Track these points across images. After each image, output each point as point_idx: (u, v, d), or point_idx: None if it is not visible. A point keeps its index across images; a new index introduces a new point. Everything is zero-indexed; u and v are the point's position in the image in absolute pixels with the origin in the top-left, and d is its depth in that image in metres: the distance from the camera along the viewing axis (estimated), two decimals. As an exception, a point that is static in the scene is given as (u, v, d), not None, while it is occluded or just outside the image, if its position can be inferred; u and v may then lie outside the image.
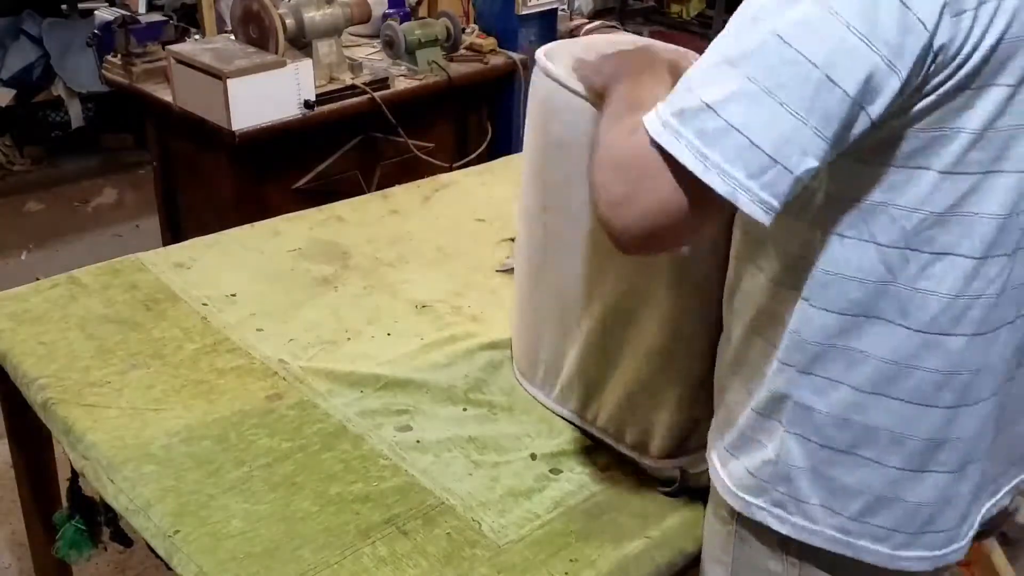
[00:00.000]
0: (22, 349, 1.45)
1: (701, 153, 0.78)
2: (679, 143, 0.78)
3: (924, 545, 0.97)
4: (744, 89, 0.77)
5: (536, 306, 1.37)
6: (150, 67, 2.51)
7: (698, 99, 0.78)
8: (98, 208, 3.81)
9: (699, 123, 0.78)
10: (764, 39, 0.77)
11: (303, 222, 1.88)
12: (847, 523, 0.96)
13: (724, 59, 0.79)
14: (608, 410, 1.30)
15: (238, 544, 1.12)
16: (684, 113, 0.79)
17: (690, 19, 6.69)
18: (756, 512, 1.00)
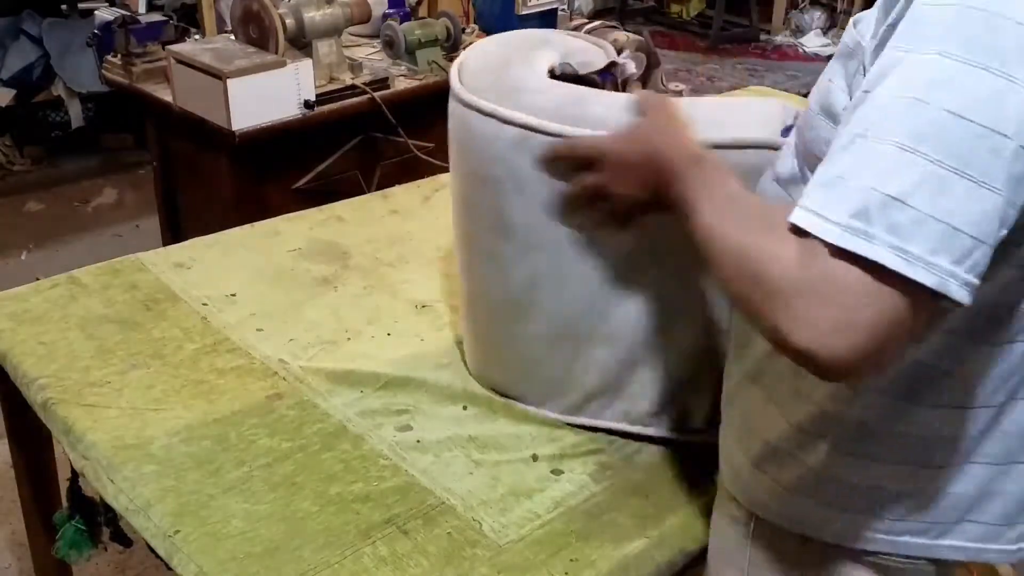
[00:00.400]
0: (22, 349, 1.45)
1: (901, 249, 0.72)
2: (873, 244, 0.72)
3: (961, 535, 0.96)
4: (931, 173, 0.72)
5: (529, 335, 1.32)
6: (150, 67, 2.51)
7: (879, 194, 0.73)
8: (98, 208, 3.81)
9: (888, 218, 0.72)
10: (938, 118, 0.72)
11: (303, 222, 1.88)
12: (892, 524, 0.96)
13: (894, 145, 0.73)
14: (640, 408, 1.31)
15: (238, 544, 1.12)
16: (868, 212, 0.73)
17: (690, 19, 6.69)
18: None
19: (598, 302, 1.25)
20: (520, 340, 1.34)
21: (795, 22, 6.52)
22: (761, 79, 5.58)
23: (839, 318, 0.74)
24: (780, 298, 0.76)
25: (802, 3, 6.55)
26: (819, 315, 0.74)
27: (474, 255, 1.35)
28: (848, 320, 0.73)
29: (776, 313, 0.77)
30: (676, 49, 6.15)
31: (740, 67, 5.95)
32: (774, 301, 0.77)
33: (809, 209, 0.76)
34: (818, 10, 6.48)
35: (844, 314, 0.74)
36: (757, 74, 5.81)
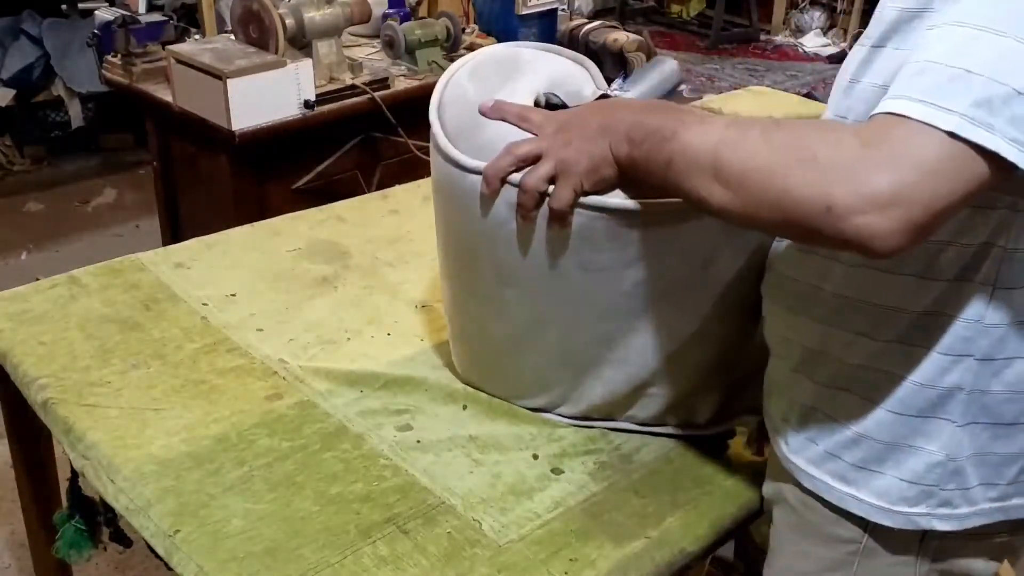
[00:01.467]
0: (22, 349, 1.45)
1: (1020, 141, 0.74)
2: (994, 135, 0.74)
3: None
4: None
5: (532, 362, 1.31)
6: (150, 67, 2.52)
7: (1005, 87, 0.74)
8: (98, 208, 3.81)
9: (1012, 111, 0.74)
10: None
11: (303, 222, 1.88)
12: (1005, 489, 0.97)
13: (1015, 38, 0.74)
14: (646, 413, 1.31)
15: (238, 544, 1.12)
16: (991, 104, 0.74)
17: (690, 19, 6.69)
18: (919, 520, 0.98)
19: (604, 335, 1.23)
20: (520, 367, 1.33)
21: (795, 22, 6.52)
22: (761, 79, 5.59)
23: (910, 187, 0.74)
24: (842, 170, 0.76)
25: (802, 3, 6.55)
26: (889, 182, 0.74)
27: (469, 295, 1.32)
28: (918, 190, 0.74)
29: (834, 186, 0.76)
30: (676, 49, 6.15)
31: (740, 67, 5.96)
32: (834, 174, 0.76)
33: (919, 100, 0.76)
34: (818, 10, 6.48)
35: (916, 184, 0.74)
36: (757, 74, 5.81)
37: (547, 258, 1.14)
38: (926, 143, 0.75)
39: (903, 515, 0.99)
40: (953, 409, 0.94)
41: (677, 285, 1.16)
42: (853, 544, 1.03)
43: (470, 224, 1.18)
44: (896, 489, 0.98)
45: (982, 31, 0.76)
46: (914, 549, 1.01)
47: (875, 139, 0.76)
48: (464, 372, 1.41)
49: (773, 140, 0.82)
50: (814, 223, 0.78)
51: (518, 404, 1.37)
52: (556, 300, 1.21)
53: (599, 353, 1.25)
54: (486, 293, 1.27)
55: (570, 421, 1.34)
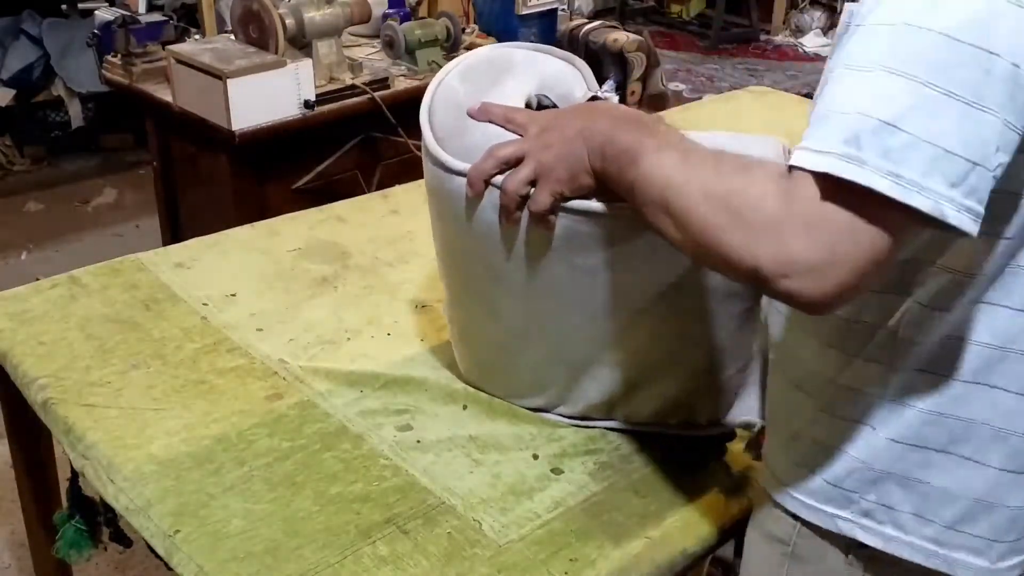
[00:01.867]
0: (22, 349, 1.45)
1: (893, 174, 0.71)
2: (865, 170, 0.71)
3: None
4: (922, 96, 0.71)
5: (529, 363, 1.32)
6: (150, 67, 2.52)
7: (871, 119, 0.72)
8: (98, 208, 3.81)
9: (881, 143, 0.71)
10: (930, 41, 0.71)
11: (303, 222, 1.88)
12: (941, 533, 0.92)
13: (883, 70, 0.72)
14: (643, 413, 1.31)
15: (238, 544, 1.12)
16: (859, 138, 0.72)
17: (690, 19, 6.69)
18: (841, 525, 0.96)
19: (596, 335, 1.23)
20: (517, 367, 1.34)
21: (795, 22, 6.52)
22: (761, 79, 5.59)
23: (825, 256, 0.73)
24: (764, 235, 0.76)
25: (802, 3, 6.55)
26: (807, 250, 0.74)
27: (464, 295, 1.32)
28: (838, 254, 0.73)
29: (759, 250, 0.76)
30: (676, 49, 6.15)
31: (740, 67, 5.96)
32: (757, 239, 0.76)
33: (801, 147, 0.75)
34: (818, 10, 6.48)
35: (833, 251, 0.73)
36: (757, 74, 5.81)
37: (534, 259, 1.15)
38: (829, 200, 0.74)
39: (826, 515, 0.97)
40: (872, 416, 0.93)
41: (667, 287, 1.16)
42: (784, 545, 1.03)
43: (460, 226, 1.18)
44: (821, 489, 0.98)
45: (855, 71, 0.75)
46: (840, 563, 0.98)
47: (791, 198, 0.75)
48: (466, 372, 1.41)
49: (710, 191, 0.81)
50: (750, 280, 0.79)
51: (518, 404, 1.37)
52: (546, 300, 1.21)
53: (592, 353, 1.25)
54: (479, 294, 1.28)
55: (570, 421, 1.34)
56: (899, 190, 0.71)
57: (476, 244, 1.18)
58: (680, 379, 1.27)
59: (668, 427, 1.32)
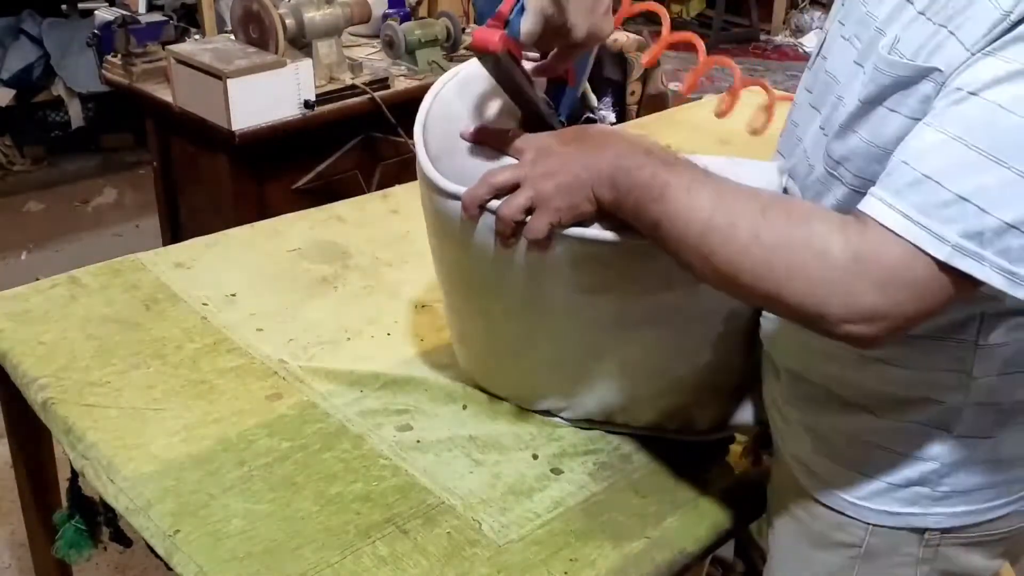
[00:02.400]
0: (22, 349, 1.45)
1: (1008, 271, 0.77)
2: (983, 266, 0.77)
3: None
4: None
5: (521, 373, 1.32)
6: (150, 67, 2.52)
7: (996, 220, 0.76)
8: (98, 208, 3.81)
9: (1003, 243, 0.77)
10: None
11: (303, 222, 1.88)
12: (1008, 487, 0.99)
13: (1014, 172, 0.76)
14: (643, 419, 1.31)
15: (238, 544, 1.12)
16: (983, 236, 0.77)
17: (690, 19, 6.69)
18: (912, 520, 1.00)
19: (592, 349, 1.23)
20: (518, 374, 1.34)
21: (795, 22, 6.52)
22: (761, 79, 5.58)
23: (898, 305, 0.80)
24: (833, 287, 0.81)
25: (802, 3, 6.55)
26: (877, 303, 0.80)
27: (462, 305, 1.33)
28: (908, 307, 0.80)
29: (827, 300, 0.81)
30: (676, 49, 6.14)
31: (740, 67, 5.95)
32: (826, 290, 0.81)
33: (911, 218, 0.78)
34: (818, 10, 6.48)
35: (905, 303, 0.80)
36: (757, 74, 5.81)
37: (529, 280, 1.14)
38: (916, 267, 0.79)
39: (899, 515, 1.00)
40: (942, 419, 0.96)
41: (664, 306, 1.15)
42: (854, 549, 1.04)
43: (454, 244, 1.18)
44: (889, 491, 1.00)
45: (985, 157, 0.77)
46: (913, 551, 1.01)
47: (865, 255, 0.80)
48: (466, 369, 1.42)
49: (763, 238, 0.84)
50: (805, 324, 0.85)
51: (518, 405, 1.37)
52: (543, 317, 1.20)
53: (589, 366, 1.25)
54: (476, 307, 1.28)
55: (570, 424, 1.34)
56: (1010, 285, 0.78)
57: (471, 262, 1.18)
58: (679, 392, 1.27)
59: (667, 432, 1.32)
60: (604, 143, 0.98)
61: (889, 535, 1.02)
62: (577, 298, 1.15)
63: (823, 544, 1.07)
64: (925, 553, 1.01)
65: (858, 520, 1.03)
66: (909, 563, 1.02)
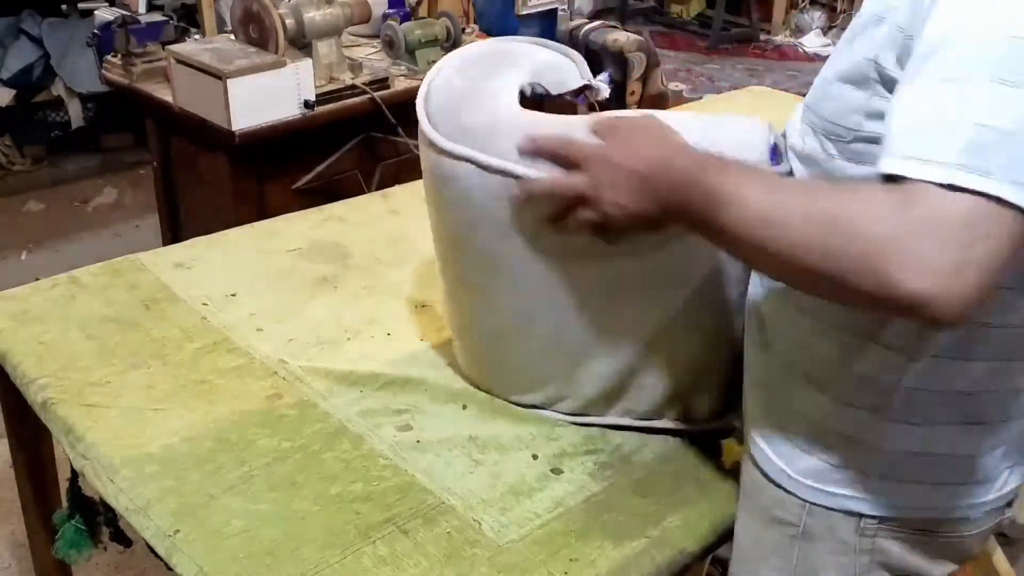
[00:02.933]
0: (22, 349, 1.45)
1: (1019, 182, 0.73)
2: (991, 180, 0.73)
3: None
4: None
5: (518, 360, 1.33)
6: (150, 67, 2.51)
7: (992, 129, 0.74)
8: (98, 208, 3.81)
9: (1006, 153, 0.73)
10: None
11: (303, 222, 1.88)
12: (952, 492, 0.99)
13: (995, 81, 0.74)
14: (641, 407, 1.31)
15: (238, 544, 1.12)
16: (984, 147, 0.73)
17: (690, 19, 6.69)
18: (849, 504, 1.00)
19: (592, 324, 1.23)
20: (514, 359, 1.34)
21: (795, 22, 6.52)
22: (761, 79, 5.58)
23: (955, 257, 0.73)
24: (884, 250, 0.75)
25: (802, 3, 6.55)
26: (932, 256, 0.74)
27: (459, 286, 1.33)
28: (965, 258, 0.73)
29: (881, 266, 0.75)
30: (676, 49, 6.15)
31: (740, 67, 5.95)
32: (876, 255, 0.76)
33: (909, 156, 0.76)
34: (818, 10, 6.48)
35: (960, 252, 0.73)
36: (757, 74, 5.81)
37: (529, 244, 1.15)
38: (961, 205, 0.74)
39: (832, 495, 1.01)
40: (887, 403, 0.96)
41: (661, 275, 1.16)
42: (792, 527, 1.05)
43: (454, 211, 1.20)
44: (830, 473, 1.01)
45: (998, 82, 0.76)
46: (849, 538, 1.02)
47: (905, 205, 0.76)
48: (465, 368, 1.42)
49: (811, 215, 0.81)
50: (877, 300, 0.78)
51: (516, 401, 1.37)
52: (541, 287, 1.21)
53: (588, 342, 1.25)
54: (475, 284, 1.28)
55: (569, 419, 1.34)
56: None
57: (470, 229, 1.19)
58: (677, 373, 1.28)
59: (665, 421, 1.32)
60: (666, 148, 0.96)
61: (825, 516, 1.02)
62: (575, 262, 1.16)
63: (767, 520, 1.08)
64: (862, 543, 1.01)
65: (795, 496, 1.03)
66: (846, 551, 1.02)
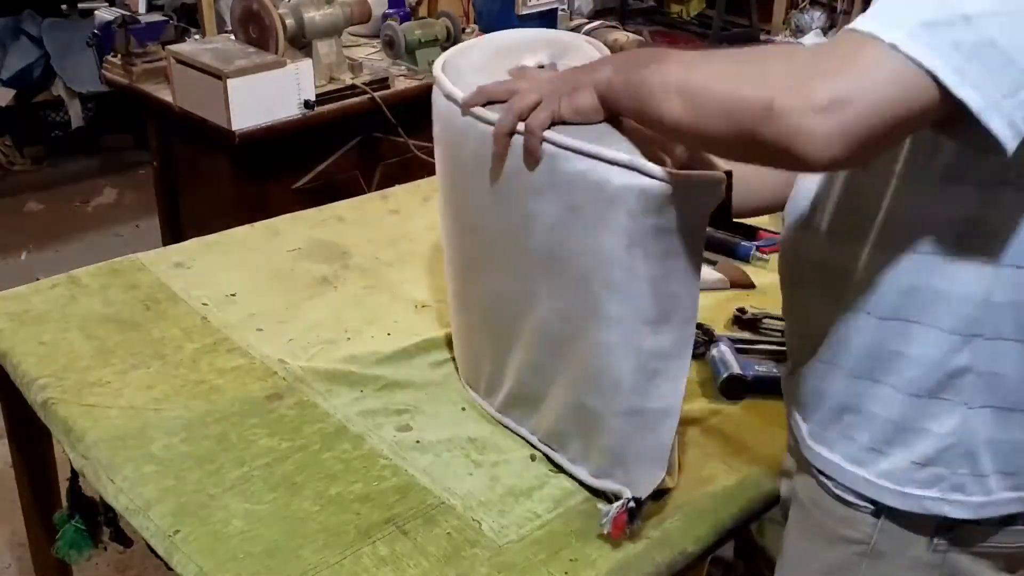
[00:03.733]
0: (22, 349, 1.45)
1: (958, 67, 0.74)
2: (933, 54, 0.74)
3: None
4: (1004, 5, 0.74)
5: (471, 323, 1.34)
6: (150, 67, 2.52)
7: (953, 11, 0.74)
8: (98, 208, 3.81)
9: (955, 35, 0.74)
10: None
11: (303, 222, 1.88)
12: (1021, 480, 0.96)
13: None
14: (547, 425, 1.26)
15: (238, 544, 1.12)
16: (936, 24, 0.74)
17: (690, 19, 6.69)
18: (930, 504, 0.97)
19: (517, 299, 1.21)
20: (472, 343, 1.36)
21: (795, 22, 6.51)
22: (761, 79, 5.57)
23: (842, 95, 0.74)
24: (787, 74, 0.78)
25: (802, 3, 6.55)
26: (824, 89, 0.75)
27: (457, 271, 1.35)
28: (860, 93, 0.75)
29: (776, 84, 0.77)
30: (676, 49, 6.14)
31: (740, 67, 5.95)
32: (778, 77, 0.78)
33: (871, 18, 0.77)
34: (818, 10, 6.47)
35: (852, 93, 0.75)
36: (757, 74, 5.80)
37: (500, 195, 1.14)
38: (871, 53, 0.76)
39: (913, 497, 0.98)
40: (964, 391, 0.93)
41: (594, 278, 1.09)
42: (861, 545, 1.03)
43: (450, 162, 1.22)
44: (906, 470, 0.98)
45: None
46: (921, 554, 1.00)
47: (824, 50, 0.79)
48: (461, 366, 1.43)
49: (737, 56, 0.86)
50: (753, 125, 0.79)
51: (473, 394, 1.38)
52: (490, 248, 1.21)
53: (509, 334, 1.24)
54: (469, 258, 1.28)
55: (500, 417, 1.33)
56: (958, 81, 0.73)
57: (462, 180, 1.20)
58: (566, 392, 1.20)
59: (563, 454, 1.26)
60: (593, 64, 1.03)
61: (898, 535, 1.00)
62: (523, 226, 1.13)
63: (831, 539, 1.06)
64: (933, 558, 1.00)
65: (867, 509, 1.01)
66: (915, 566, 1.01)
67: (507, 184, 1.12)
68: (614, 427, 1.15)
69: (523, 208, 1.11)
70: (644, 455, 1.15)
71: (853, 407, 1.01)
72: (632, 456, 1.15)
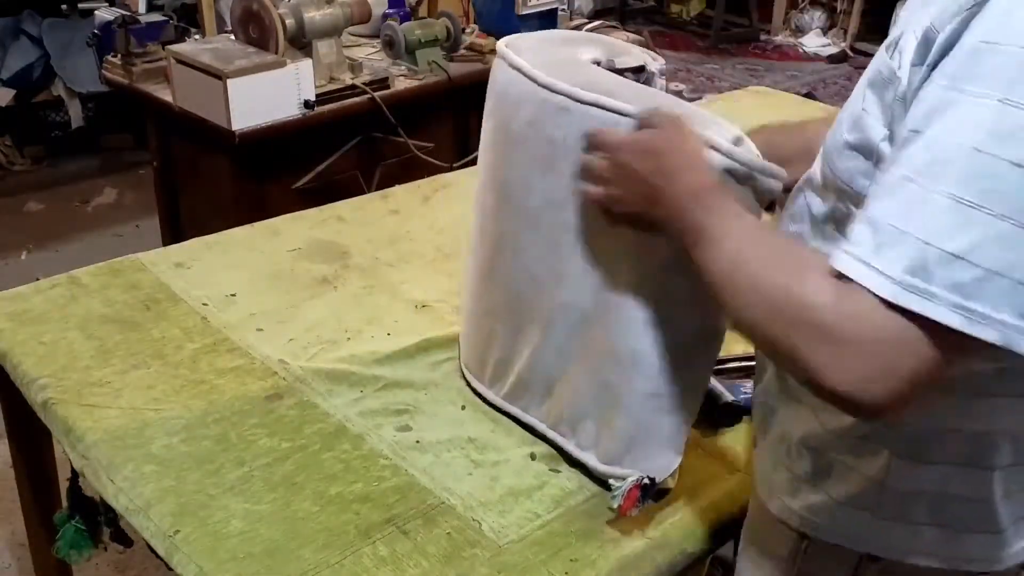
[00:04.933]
0: (22, 349, 1.45)
1: (963, 308, 0.71)
2: (934, 303, 0.71)
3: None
4: (995, 229, 0.70)
5: (488, 305, 1.34)
6: (150, 67, 2.52)
7: (938, 251, 0.71)
8: (98, 208, 3.81)
9: (951, 276, 0.71)
10: (1001, 171, 0.70)
11: (303, 222, 1.88)
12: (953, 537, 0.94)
13: (951, 199, 0.71)
14: (558, 409, 1.27)
15: (238, 544, 1.12)
16: (927, 268, 0.71)
17: (690, 19, 6.69)
18: (856, 541, 0.96)
19: (547, 275, 1.22)
20: (481, 322, 1.36)
21: (795, 22, 6.52)
22: (761, 79, 5.58)
23: (883, 368, 0.74)
24: (821, 343, 0.77)
25: (802, 3, 6.55)
26: (862, 364, 0.75)
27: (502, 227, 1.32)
28: (892, 370, 0.74)
29: (814, 357, 0.77)
30: (676, 49, 6.15)
31: (740, 67, 5.95)
32: (814, 345, 0.77)
33: (859, 259, 0.75)
34: (818, 10, 6.48)
35: (889, 364, 0.74)
36: (757, 74, 5.81)
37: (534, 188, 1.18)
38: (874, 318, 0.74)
39: (838, 532, 0.97)
40: (887, 437, 0.92)
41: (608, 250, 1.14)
42: (785, 563, 1.02)
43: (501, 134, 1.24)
44: (833, 507, 0.97)
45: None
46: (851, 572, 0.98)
47: (844, 306, 0.76)
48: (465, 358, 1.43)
49: (760, 285, 0.83)
50: (804, 379, 0.80)
51: (473, 381, 1.39)
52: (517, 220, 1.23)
53: (531, 315, 1.25)
54: (503, 234, 1.28)
55: (501, 402, 1.34)
56: (968, 324, 0.71)
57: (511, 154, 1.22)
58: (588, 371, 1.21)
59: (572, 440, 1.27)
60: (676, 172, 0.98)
61: (820, 559, 0.98)
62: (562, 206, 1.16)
63: (764, 552, 1.05)
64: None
65: (795, 530, 1.00)
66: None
67: (558, 157, 1.14)
68: (635, 407, 1.16)
69: (570, 182, 1.13)
70: (662, 438, 1.17)
71: (789, 435, 1.01)
72: (650, 438, 1.17)
